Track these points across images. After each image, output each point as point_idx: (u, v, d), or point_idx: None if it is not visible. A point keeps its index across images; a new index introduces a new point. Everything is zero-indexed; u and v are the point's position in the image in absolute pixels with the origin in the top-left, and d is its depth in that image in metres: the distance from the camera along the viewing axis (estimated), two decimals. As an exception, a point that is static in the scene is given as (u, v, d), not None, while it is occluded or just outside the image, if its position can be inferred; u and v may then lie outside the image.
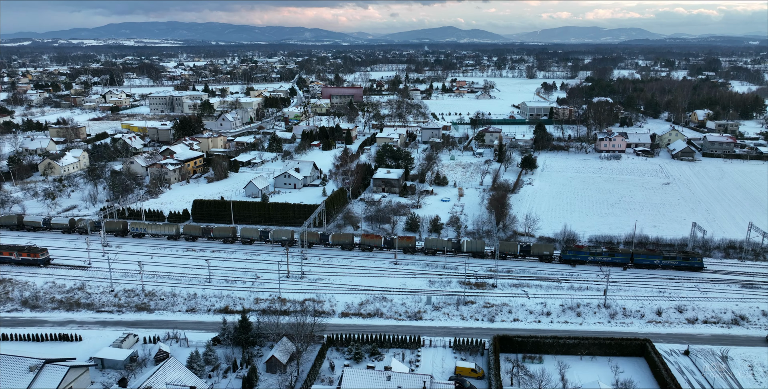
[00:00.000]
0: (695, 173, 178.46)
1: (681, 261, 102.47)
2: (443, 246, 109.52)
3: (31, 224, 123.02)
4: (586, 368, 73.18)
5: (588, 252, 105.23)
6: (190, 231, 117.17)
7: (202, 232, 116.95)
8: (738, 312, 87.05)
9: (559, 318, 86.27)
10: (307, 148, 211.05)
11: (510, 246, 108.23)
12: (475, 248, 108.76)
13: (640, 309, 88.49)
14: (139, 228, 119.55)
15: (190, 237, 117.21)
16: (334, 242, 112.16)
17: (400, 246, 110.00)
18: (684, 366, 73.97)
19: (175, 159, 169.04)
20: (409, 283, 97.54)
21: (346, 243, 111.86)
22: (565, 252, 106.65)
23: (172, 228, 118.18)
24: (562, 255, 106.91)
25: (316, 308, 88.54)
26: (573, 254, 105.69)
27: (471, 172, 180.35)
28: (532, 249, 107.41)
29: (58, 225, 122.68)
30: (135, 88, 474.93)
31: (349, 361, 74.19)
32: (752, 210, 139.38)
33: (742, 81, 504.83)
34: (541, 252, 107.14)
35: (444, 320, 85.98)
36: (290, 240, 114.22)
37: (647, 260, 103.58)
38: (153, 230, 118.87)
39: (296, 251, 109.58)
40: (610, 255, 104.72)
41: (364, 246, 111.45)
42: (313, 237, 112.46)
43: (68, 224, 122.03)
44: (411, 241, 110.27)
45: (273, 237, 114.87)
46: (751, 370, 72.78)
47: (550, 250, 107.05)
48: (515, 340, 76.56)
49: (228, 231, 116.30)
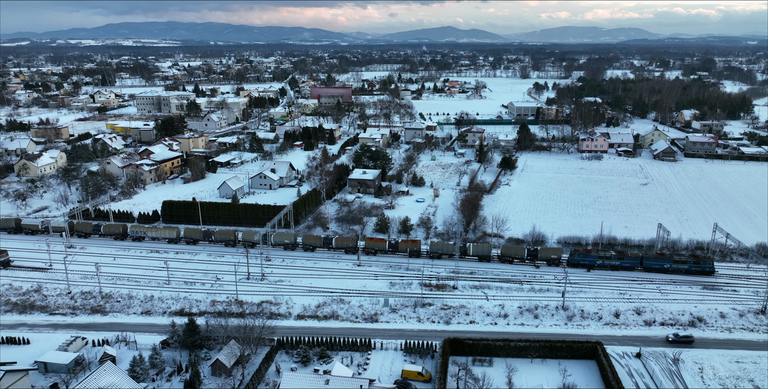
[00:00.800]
0: (675, 173, 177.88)
1: (692, 265, 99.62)
2: (449, 250, 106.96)
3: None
4: (535, 371, 72.62)
5: (596, 256, 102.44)
6: (190, 235, 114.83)
7: (203, 236, 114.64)
8: (696, 314, 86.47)
9: (516, 321, 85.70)
10: (289, 149, 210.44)
11: (516, 251, 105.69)
12: (481, 252, 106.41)
13: (598, 311, 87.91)
14: (138, 231, 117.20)
15: (191, 241, 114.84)
16: (337, 245, 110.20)
17: (404, 250, 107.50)
18: (634, 369, 73.40)
19: (151, 159, 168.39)
20: (369, 285, 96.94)
21: (350, 246, 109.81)
22: (573, 256, 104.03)
23: (173, 232, 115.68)
24: (570, 259, 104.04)
25: (272, 310, 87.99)
26: (582, 258, 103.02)
27: (450, 172, 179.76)
28: (539, 254, 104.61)
29: (28, 226, 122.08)
30: (126, 88, 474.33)
31: (296, 364, 73.58)
32: (726, 211, 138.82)
33: (734, 81, 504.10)
34: (548, 256, 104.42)
35: (400, 322, 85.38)
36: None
37: (657, 264, 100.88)
38: (153, 233, 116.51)
39: (268, 253, 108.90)
40: (619, 259, 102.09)
41: (368, 250, 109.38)
42: (316, 241, 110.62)
43: (38, 226, 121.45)
44: (416, 245, 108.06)
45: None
46: (700, 373, 72.20)
47: (558, 254, 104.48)
48: (466, 343, 76.00)
49: (230, 234, 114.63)
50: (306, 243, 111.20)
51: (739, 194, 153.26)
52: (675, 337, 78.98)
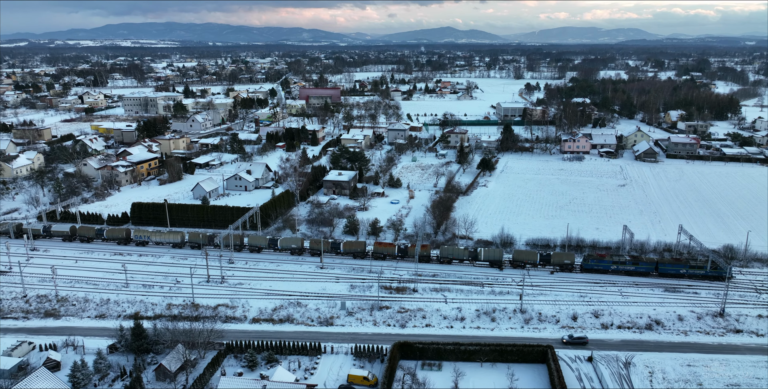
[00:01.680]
0: (654, 174, 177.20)
1: (709, 270, 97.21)
2: (460, 255, 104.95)
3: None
4: (483, 375, 71.96)
5: (611, 261, 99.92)
6: (194, 240, 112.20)
7: (208, 240, 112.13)
8: (654, 317, 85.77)
9: (472, 324, 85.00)
10: (271, 150, 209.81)
11: (529, 256, 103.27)
12: (493, 257, 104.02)
13: (556, 314, 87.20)
14: (142, 236, 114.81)
15: (196, 246, 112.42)
16: (345, 250, 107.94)
17: (413, 255, 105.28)
18: (584, 373, 72.73)
19: (127, 161, 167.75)
20: (329, 288, 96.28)
21: (357, 251, 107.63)
22: (587, 261, 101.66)
23: (177, 236, 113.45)
24: (583, 264, 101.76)
25: (227, 314, 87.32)
26: (595, 263, 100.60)
27: (429, 173, 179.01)
28: (552, 259, 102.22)
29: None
30: (118, 88, 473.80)
31: (243, 369, 72.91)
32: (700, 212, 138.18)
33: (727, 81, 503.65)
34: (561, 261, 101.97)
35: (356, 326, 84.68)
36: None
37: (673, 269, 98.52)
38: (157, 238, 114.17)
39: (235, 255, 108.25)
40: (633, 264, 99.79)
41: (377, 254, 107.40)
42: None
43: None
44: (426, 250, 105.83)
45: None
46: (650, 376, 71.52)
47: (571, 259, 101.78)
48: (416, 347, 75.35)
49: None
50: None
51: (714, 195, 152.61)
52: (569, 339, 78.54)
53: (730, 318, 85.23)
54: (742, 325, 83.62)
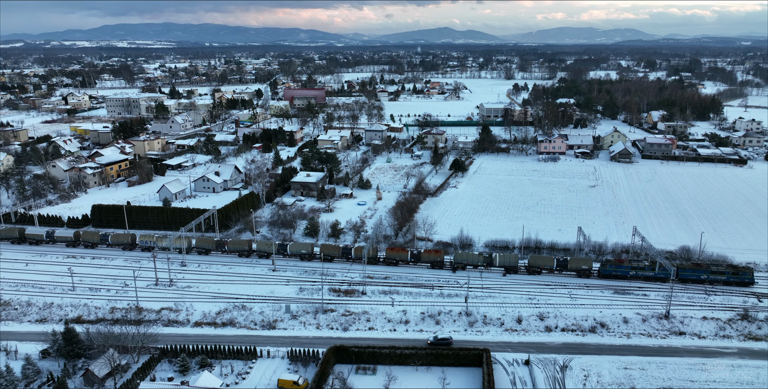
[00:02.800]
0: (627, 175, 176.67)
1: (730, 276, 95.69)
2: (474, 260, 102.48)
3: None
4: (416, 379, 71.30)
5: (629, 267, 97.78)
6: (202, 245, 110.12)
7: (216, 246, 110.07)
8: (600, 319, 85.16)
9: (416, 327, 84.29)
10: (248, 151, 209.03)
11: (545, 261, 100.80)
12: (508, 262, 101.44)
13: (501, 316, 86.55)
14: (147, 241, 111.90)
15: (203, 251, 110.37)
16: (356, 256, 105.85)
17: (427, 260, 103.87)
18: (519, 377, 72.09)
19: (96, 162, 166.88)
20: (278, 291, 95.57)
21: (369, 257, 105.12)
22: (604, 266, 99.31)
23: (183, 242, 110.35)
24: (601, 269, 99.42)
25: (170, 317, 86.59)
26: (613, 269, 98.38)
27: (402, 174, 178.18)
28: (569, 264, 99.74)
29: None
30: (106, 89, 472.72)
31: (175, 374, 72.16)
32: (665, 213, 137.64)
33: (716, 81, 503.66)
34: (579, 267, 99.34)
35: (298, 329, 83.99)
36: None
37: (693, 275, 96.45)
38: (163, 243, 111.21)
39: (189, 257, 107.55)
40: (652, 270, 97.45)
41: (389, 260, 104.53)
42: (334, 251, 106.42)
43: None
44: (439, 255, 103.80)
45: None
46: (585, 380, 70.88)
47: (588, 265, 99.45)
48: (352, 351, 74.68)
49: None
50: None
51: (683, 196, 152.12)
52: (434, 340, 77.84)
53: (674, 321, 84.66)
54: (686, 327, 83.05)
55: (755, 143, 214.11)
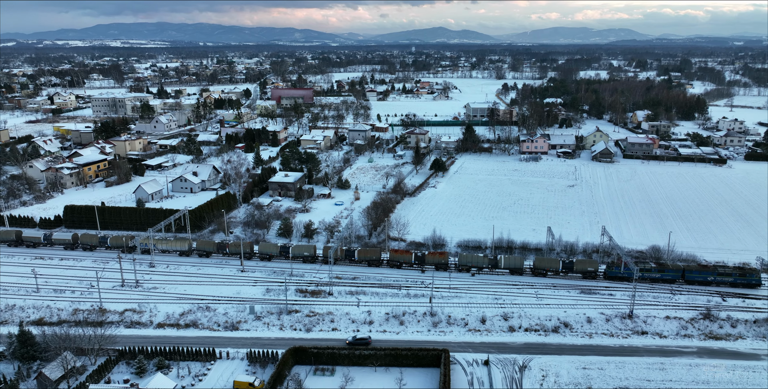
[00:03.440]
0: (607, 175, 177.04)
1: (737, 277, 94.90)
2: (479, 262, 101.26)
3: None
4: (374, 380, 71.08)
5: (635, 269, 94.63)
6: (203, 247, 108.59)
7: (217, 248, 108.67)
8: (563, 319, 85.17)
9: (380, 327, 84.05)
10: (230, 151, 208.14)
11: (551, 263, 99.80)
12: (513, 264, 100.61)
13: (465, 317, 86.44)
14: (146, 243, 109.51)
15: (204, 254, 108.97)
16: (360, 258, 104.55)
17: (431, 262, 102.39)
18: (477, 377, 71.99)
19: (74, 162, 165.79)
20: (244, 292, 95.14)
21: (373, 259, 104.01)
22: (611, 268, 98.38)
23: (185, 244, 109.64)
24: (607, 271, 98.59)
25: (133, 319, 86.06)
26: (619, 271, 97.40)
27: (382, 174, 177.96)
28: (575, 266, 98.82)
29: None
30: (95, 89, 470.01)
31: (132, 375, 71.69)
32: (641, 213, 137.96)
33: (704, 81, 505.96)
34: (585, 269, 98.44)
35: (261, 330, 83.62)
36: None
37: (700, 277, 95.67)
38: (163, 246, 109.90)
39: (159, 258, 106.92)
40: (659, 272, 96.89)
41: (393, 263, 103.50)
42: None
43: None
44: (444, 257, 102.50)
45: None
46: (542, 380, 70.85)
47: (594, 266, 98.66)
48: (310, 352, 74.39)
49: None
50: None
51: (660, 195, 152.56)
52: (353, 340, 77.87)
53: (638, 320, 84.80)
54: (648, 327, 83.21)
55: (736, 143, 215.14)
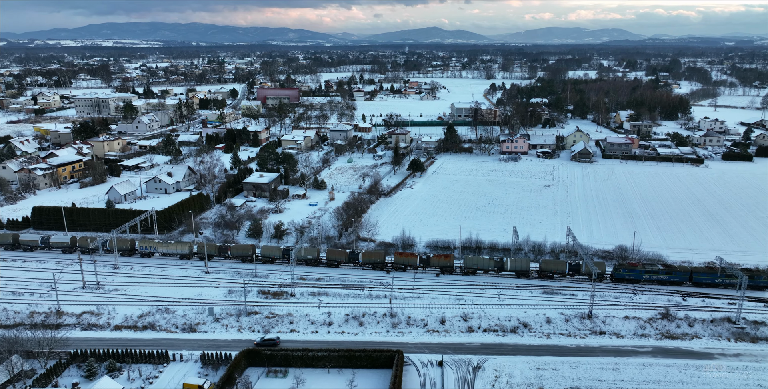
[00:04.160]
0: (584, 175, 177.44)
1: (746, 280, 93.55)
2: (485, 265, 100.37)
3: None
4: (326, 381, 70.76)
5: (643, 271, 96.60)
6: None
7: (218, 251, 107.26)
8: (523, 320, 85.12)
9: (339, 329, 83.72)
10: (210, 151, 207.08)
11: (557, 265, 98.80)
12: (519, 267, 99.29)
13: (426, 317, 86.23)
14: (147, 246, 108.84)
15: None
16: (364, 260, 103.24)
17: (436, 264, 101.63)
18: (430, 378, 71.77)
19: (48, 163, 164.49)
20: (206, 293, 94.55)
21: (377, 262, 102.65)
22: (618, 270, 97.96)
23: (185, 247, 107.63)
24: (614, 273, 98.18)
25: (90, 321, 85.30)
26: (627, 273, 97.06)
27: (360, 174, 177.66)
28: (582, 268, 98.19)
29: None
30: (81, 89, 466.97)
31: (82, 379, 71.02)
32: (613, 213, 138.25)
33: (692, 81, 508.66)
34: (590, 272, 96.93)
35: (220, 332, 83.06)
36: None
37: (707, 278, 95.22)
38: (163, 249, 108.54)
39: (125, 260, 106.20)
40: (667, 274, 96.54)
41: (397, 265, 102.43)
42: (341, 256, 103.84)
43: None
44: (449, 260, 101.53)
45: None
46: (495, 380, 70.72)
47: (602, 269, 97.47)
48: (263, 354, 73.95)
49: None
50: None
51: (634, 195, 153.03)
52: (260, 341, 77.75)
53: (597, 320, 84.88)
54: (606, 327, 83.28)
55: (715, 142, 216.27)
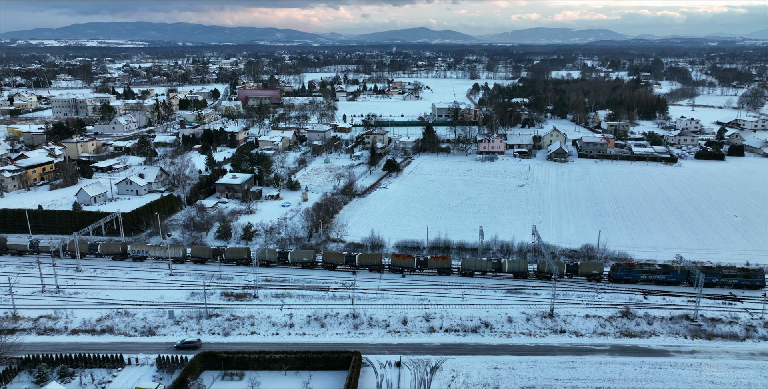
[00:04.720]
0: (559, 174, 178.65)
1: (741, 279, 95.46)
2: (483, 266, 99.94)
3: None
4: (282, 383, 70.26)
5: (640, 271, 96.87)
6: (198, 254, 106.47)
7: (212, 254, 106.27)
8: (485, 319, 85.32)
9: (300, 330, 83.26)
10: (187, 152, 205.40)
11: (555, 266, 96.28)
12: (517, 268, 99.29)
13: (388, 318, 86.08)
14: (140, 250, 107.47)
15: (198, 260, 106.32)
16: (361, 263, 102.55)
17: (433, 267, 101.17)
18: (387, 379, 71.60)
19: (16, 165, 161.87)
20: (168, 296, 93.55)
21: (375, 264, 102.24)
22: (615, 270, 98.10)
23: (179, 250, 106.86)
24: (612, 274, 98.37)
25: (47, 325, 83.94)
26: (624, 273, 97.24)
27: (335, 175, 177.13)
28: (580, 269, 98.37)
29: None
30: (61, 89, 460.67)
31: (32, 384, 69.78)
32: (584, 212, 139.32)
33: (672, 81, 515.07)
34: (589, 272, 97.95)
35: (179, 335, 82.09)
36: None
37: (705, 279, 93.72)
38: (156, 253, 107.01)
39: (88, 263, 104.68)
40: (664, 274, 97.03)
41: (395, 267, 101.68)
42: (338, 259, 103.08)
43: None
44: (446, 261, 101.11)
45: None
46: (452, 381, 70.72)
47: (599, 269, 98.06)
48: (220, 356, 73.25)
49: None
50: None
51: (606, 194, 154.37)
52: (181, 344, 77.60)
53: (558, 319, 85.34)
54: (567, 326, 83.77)
55: (690, 142, 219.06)
